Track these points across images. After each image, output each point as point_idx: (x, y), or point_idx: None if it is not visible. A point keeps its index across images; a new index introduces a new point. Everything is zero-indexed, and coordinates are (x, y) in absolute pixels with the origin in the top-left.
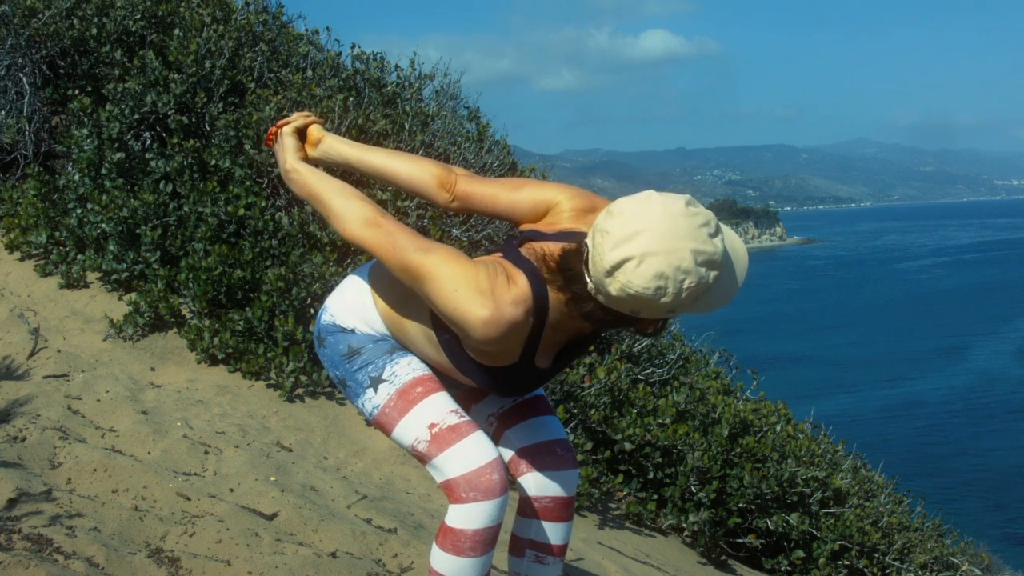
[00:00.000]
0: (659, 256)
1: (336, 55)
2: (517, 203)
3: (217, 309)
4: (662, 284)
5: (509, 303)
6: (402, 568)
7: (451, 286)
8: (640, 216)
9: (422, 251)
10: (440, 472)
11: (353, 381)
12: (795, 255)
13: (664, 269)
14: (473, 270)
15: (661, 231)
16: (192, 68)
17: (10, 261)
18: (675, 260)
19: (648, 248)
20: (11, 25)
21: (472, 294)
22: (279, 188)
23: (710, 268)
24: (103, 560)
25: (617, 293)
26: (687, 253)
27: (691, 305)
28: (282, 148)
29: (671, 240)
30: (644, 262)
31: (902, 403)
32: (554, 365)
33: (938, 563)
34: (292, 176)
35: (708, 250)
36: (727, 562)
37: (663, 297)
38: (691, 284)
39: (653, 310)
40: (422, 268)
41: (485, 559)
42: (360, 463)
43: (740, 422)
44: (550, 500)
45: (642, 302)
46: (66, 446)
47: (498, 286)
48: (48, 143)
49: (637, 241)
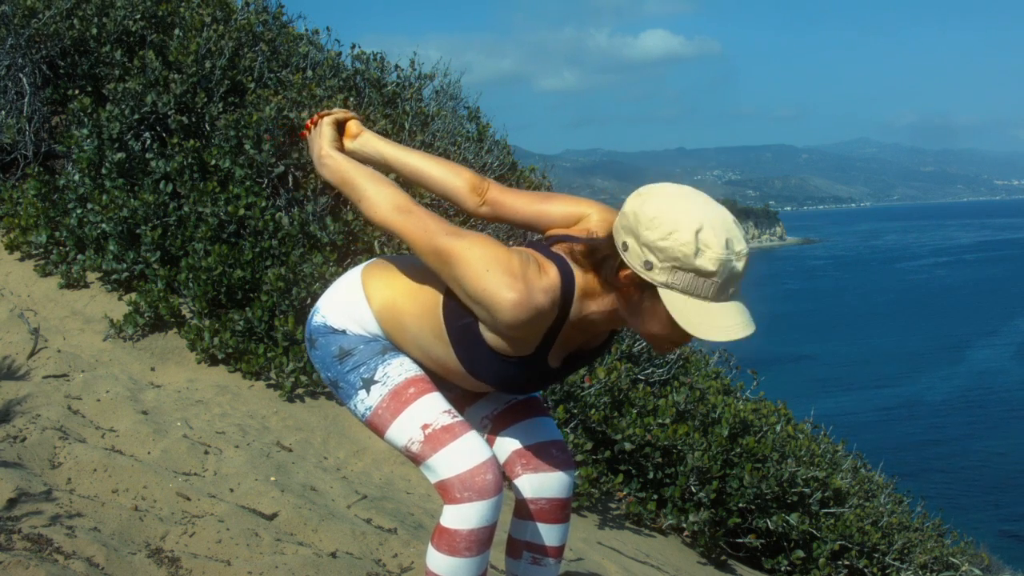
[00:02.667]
0: (714, 218)
1: (336, 55)
2: (546, 213)
3: (217, 309)
4: (727, 236)
5: (539, 289)
6: (402, 568)
7: (483, 266)
8: (681, 196)
9: (454, 235)
10: (434, 473)
11: (345, 383)
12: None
13: (728, 230)
14: (506, 253)
15: (705, 202)
16: (192, 68)
17: (10, 261)
18: (728, 226)
19: (706, 216)
20: (11, 25)
21: (503, 275)
22: (279, 188)
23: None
24: (103, 560)
25: (676, 251)
26: (733, 224)
27: (732, 278)
28: (318, 136)
29: (717, 209)
30: (704, 228)
31: (902, 403)
32: (562, 367)
33: (938, 563)
34: (326, 162)
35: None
36: (727, 562)
37: (729, 249)
38: (743, 249)
39: (704, 277)
40: (453, 250)
41: (481, 559)
42: (360, 463)
43: (740, 422)
44: (546, 502)
45: (696, 266)
46: (66, 446)
47: (530, 272)
48: (48, 143)
49: (694, 213)
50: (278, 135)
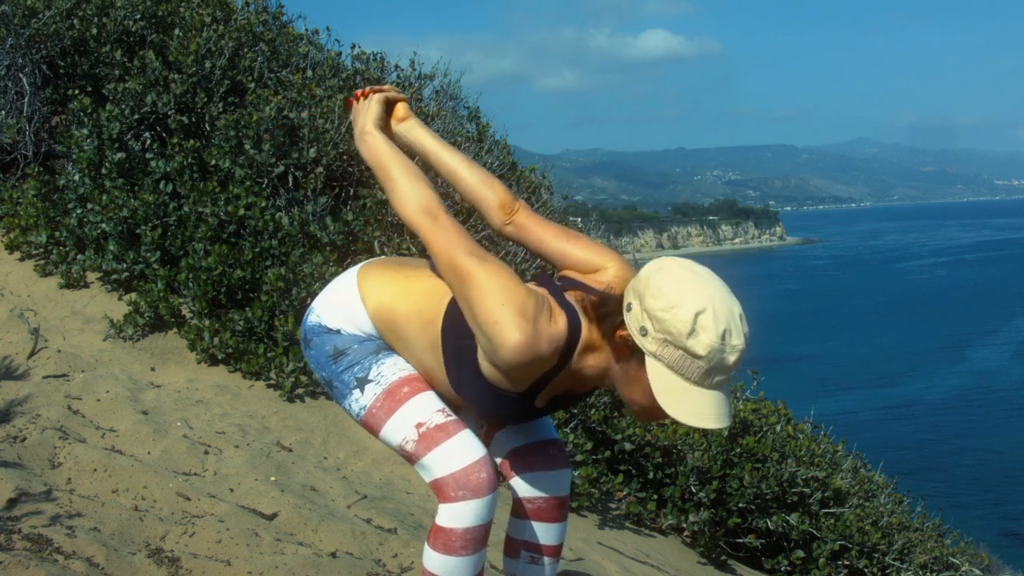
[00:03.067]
0: (720, 307)
1: (336, 55)
2: (568, 253)
3: (217, 309)
4: (726, 327)
5: (546, 337)
6: (402, 568)
7: (499, 299)
8: (696, 277)
9: (476, 256)
10: (428, 471)
11: (339, 382)
12: (795, 255)
13: (729, 321)
14: (524, 293)
15: (717, 290)
16: (192, 68)
17: (10, 261)
18: (732, 318)
19: (712, 302)
20: (11, 25)
21: (516, 315)
22: (279, 188)
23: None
24: (103, 560)
25: (675, 330)
26: (738, 317)
27: (720, 368)
28: (364, 111)
29: (726, 298)
30: (710, 314)
31: (902, 402)
32: (545, 408)
33: (938, 563)
34: (367, 139)
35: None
36: (727, 562)
37: (723, 341)
38: (739, 344)
39: (692, 358)
40: (473, 272)
41: (477, 557)
42: (360, 463)
43: (740, 422)
44: (543, 501)
45: (691, 349)
46: (66, 446)
47: (542, 318)
48: (48, 143)
49: (701, 295)
50: (278, 135)
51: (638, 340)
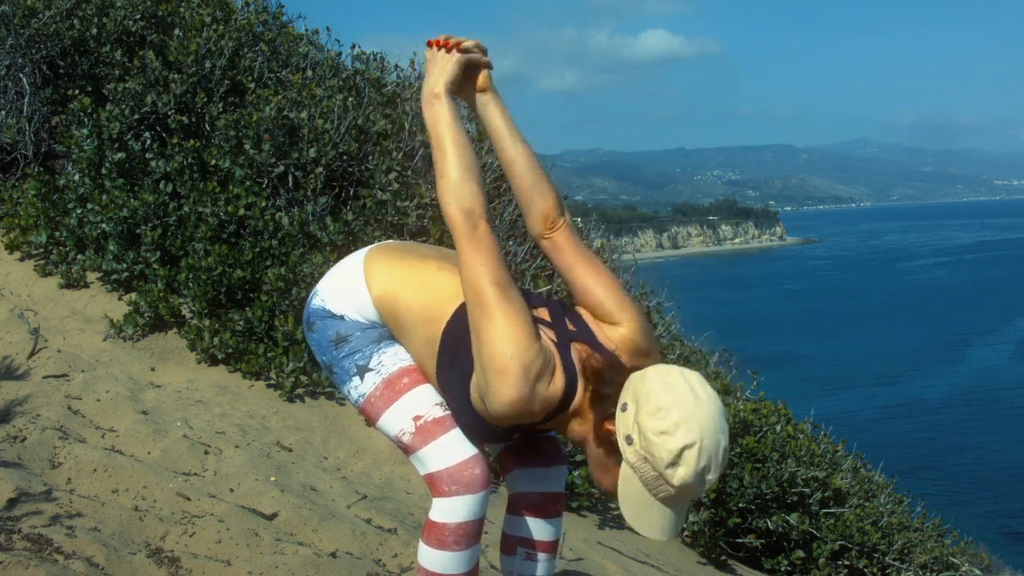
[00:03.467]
0: (708, 444)
1: (336, 55)
2: (590, 291)
3: (217, 309)
4: (706, 464)
5: (540, 400)
6: (402, 568)
7: (509, 350)
8: (696, 402)
9: (501, 289)
10: (423, 464)
11: (340, 368)
12: (795, 255)
13: (712, 457)
14: (534, 351)
15: (713, 423)
16: (192, 68)
17: (10, 261)
18: (716, 454)
19: (703, 436)
20: (11, 25)
21: (519, 373)
22: (279, 188)
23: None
24: (103, 560)
25: (657, 457)
26: (722, 453)
27: (687, 496)
28: (441, 68)
29: (719, 433)
30: (698, 449)
31: (902, 402)
32: (521, 437)
33: (938, 563)
34: (434, 103)
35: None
36: (727, 562)
37: (700, 477)
38: (712, 479)
39: (664, 482)
40: (493, 308)
41: (471, 552)
42: (360, 463)
43: (740, 422)
44: (538, 496)
45: (670, 472)
46: (66, 446)
47: (542, 382)
48: (48, 143)
49: (694, 428)
50: (278, 135)
51: (621, 445)
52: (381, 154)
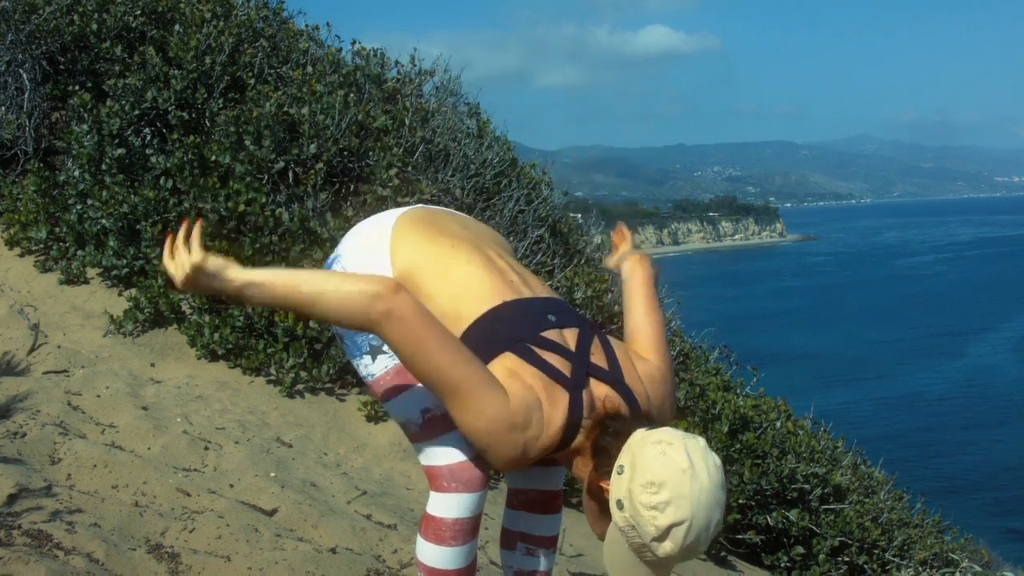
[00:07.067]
0: (698, 524)
1: (336, 51)
2: (640, 329)
3: (217, 305)
4: (694, 541)
5: (536, 448)
6: (402, 564)
7: (484, 429)
8: (694, 479)
9: (450, 364)
10: (426, 457)
11: (351, 341)
12: (795, 251)
13: (701, 534)
14: (507, 415)
15: (707, 502)
16: (192, 64)
17: (10, 257)
18: (706, 532)
19: (694, 514)
20: (11, 21)
21: (504, 438)
22: (279, 184)
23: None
24: (103, 556)
25: (651, 534)
26: (712, 529)
27: (669, 565)
28: (187, 256)
29: (711, 510)
30: (690, 527)
31: (902, 399)
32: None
33: (938, 559)
34: (249, 287)
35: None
36: (727, 558)
37: (687, 551)
38: (697, 552)
39: (648, 551)
40: (450, 387)
41: (468, 548)
42: (360, 459)
43: (740, 418)
44: (537, 492)
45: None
46: (66, 442)
47: (531, 429)
48: (48, 139)
49: (686, 506)
50: (278, 131)
51: (612, 508)
52: (381, 150)
